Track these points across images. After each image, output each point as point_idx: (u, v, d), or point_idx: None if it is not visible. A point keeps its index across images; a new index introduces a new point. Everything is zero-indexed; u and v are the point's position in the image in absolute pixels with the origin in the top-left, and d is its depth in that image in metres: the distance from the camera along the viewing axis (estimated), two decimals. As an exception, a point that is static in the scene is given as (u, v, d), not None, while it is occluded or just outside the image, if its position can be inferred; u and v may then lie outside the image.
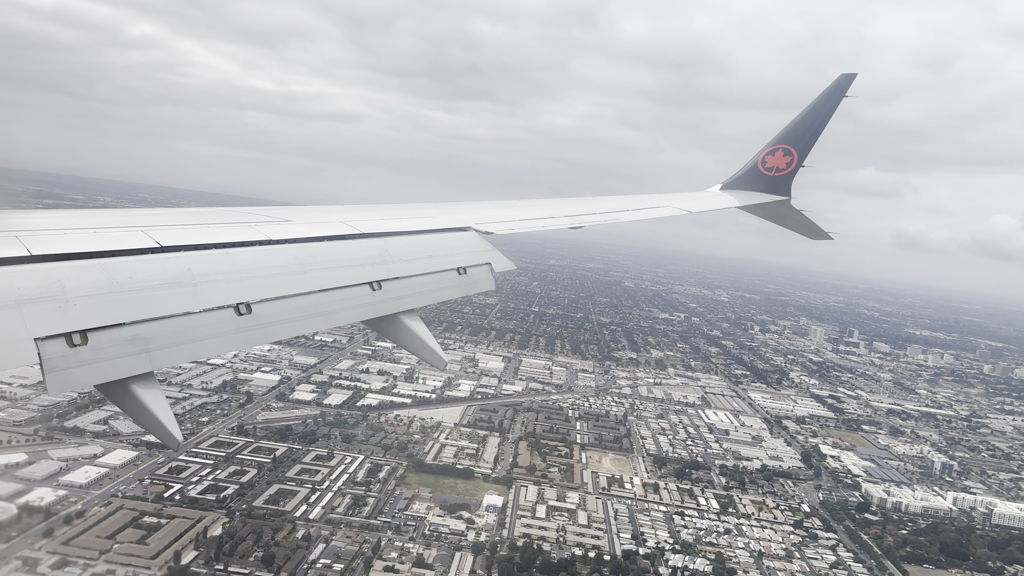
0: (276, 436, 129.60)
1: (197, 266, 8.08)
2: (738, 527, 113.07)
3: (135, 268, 7.53)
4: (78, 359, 6.33)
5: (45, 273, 6.74)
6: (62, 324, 6.38)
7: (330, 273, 9.51)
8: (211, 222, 9.99)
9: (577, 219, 16.69)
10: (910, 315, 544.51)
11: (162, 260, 7.94)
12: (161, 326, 7.16)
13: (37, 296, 6.42)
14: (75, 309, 6.57)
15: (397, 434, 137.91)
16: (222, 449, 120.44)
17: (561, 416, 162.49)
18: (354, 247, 10.61)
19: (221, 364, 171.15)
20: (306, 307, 8.80)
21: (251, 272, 8.65)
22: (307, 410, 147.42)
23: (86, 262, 7.23)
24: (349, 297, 9.43)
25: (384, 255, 10.56)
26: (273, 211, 11.42)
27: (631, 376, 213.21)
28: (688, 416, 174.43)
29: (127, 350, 6.72)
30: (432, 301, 10.73)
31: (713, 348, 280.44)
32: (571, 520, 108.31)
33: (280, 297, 8.54)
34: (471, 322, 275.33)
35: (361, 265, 10.06)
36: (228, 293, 8.05)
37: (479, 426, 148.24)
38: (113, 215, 9.64)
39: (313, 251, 9.76)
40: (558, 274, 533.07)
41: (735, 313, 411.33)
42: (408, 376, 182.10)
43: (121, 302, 7.01)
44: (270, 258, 9.22)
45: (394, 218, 12.86)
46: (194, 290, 7.74)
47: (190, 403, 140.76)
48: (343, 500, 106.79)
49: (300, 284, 8.92)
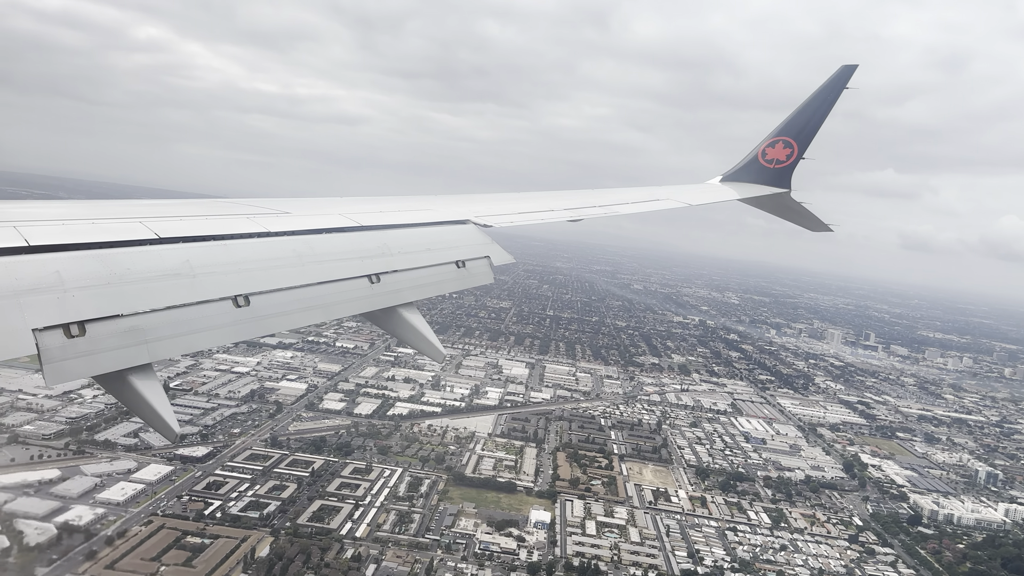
0: (311, 448, 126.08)
1: (195, 258, 8.03)
2: (793, 543, 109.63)
3: (133, 259, 7.46)
4: (76, 350, 6.25)
5: (43, 263, 6.68)
6: (60, 315, 6.29)
7: (329, 266, 9.44)
8: (210, 214, 9.84)
9: (576, 212, 16.33)
10: (920, 317, 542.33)
11: (160, 251, 7.88)
12: (159, 318, 7.06)
13: (35, 287, 6.36)
14: (73, 300, 6.49)
15: (432, 445, 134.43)
16: (258, 463, 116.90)
17: (594, 425, 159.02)
18: (353, 240, 10.51)
19: (246, 372, 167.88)
20: (305, 300, 8.72)
21: (249, 264, 8.57)
22: (338, 420, 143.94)
23: (84, 253, 7.16)
24: (348, 290, 9.35)
25: (383, 248, 10.49)
26: (272, 203, 11.29)
27: (657, 382, 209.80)
28: (721, 424, 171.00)
29: (125, 341, 6.65)
30: (431, 294, 10.59)
31: (733, 352, 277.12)
32: (623, 537, 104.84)
33: (278, 289, 8.46)
34: (488, 327, 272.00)
35: (360, 258, 9.97)
36: (226, 285, 7.97)
37: (514, 436, 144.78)
38: (112, 206, 9.47)
39: (312, 244, 9.69)
40: (566, 277, 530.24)
41: (748, 316, 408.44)
42: (435, 384, 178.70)
43: (119, 293, 6.92)
44: (269, 250, 9.14)
45: (393, 211, 12.76)
46: (192, 282, 7.67)
47: (219, 413, 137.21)
48: (388, 516, 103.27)
49: (299, 276, 8.83)
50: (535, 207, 15.70)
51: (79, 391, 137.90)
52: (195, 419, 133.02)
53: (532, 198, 17.44)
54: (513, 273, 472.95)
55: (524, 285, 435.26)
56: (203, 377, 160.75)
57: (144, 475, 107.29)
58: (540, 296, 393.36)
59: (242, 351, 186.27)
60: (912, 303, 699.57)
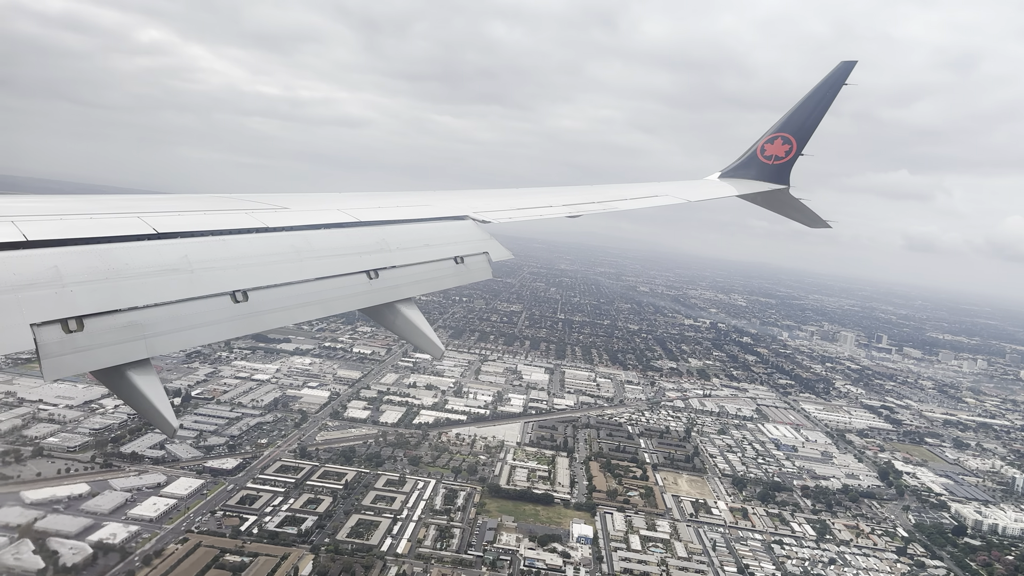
0: (341, 459, 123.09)
1: (194, 253, 7.96)
2: (841, 555, 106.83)
3: (131, 254, 7.39)
4: (74, 345, 6.19)
5: (41, 258, 6.63)
6: (58, 310, 6.26)
7: (327, 261, 9.37)
8: (208, 209, 9.77)
9: (575, 208, 16.23)
10: (926, 318, 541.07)
11: (159, 247, 7.79)
12: (157, 313, 6.99)
13: (33, 281, 6.32)
14: (71, 295, 6.44)
15: (462, 455, 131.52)
16: (289, 475, 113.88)
17: (623, 433, 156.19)
18: (351, 235, 10.42)
19: (266, 380, 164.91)
20: (303, 295, 8.64)
21: (248, 259, 8.50)
22: (365, 429, 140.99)
23: (82, 248, 7.09)
24: (346, 285, 9.26)
25: (381, 244, 10.44)
26: (270, 199, 11.20)
27: (678, 387, 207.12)
28: (749, 431, 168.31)
29: (123, 336, 6.59)
30: (429, 290, 10.52)
31: (749, 356, 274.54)
32: (669, 552, 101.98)
33: (277, 285, 8.37)
34: (502, 331, 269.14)
35: (358, 253, 9.90)
36: (225, 280, 7.89)
37: (544, 445, 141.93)
38: (110, 201, 9.35)
39: (310, 239, 9.61)
40: (571, 279, 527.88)
41: (757, 318, 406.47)
42: (457, 391, 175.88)
43: (117, 288, 6.86)
44: (267, 246, 9.04)
45: (392, 207, 12.57)
46: (190, 277, 7.60)
47: (244, 423, 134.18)
48: (427, 531, 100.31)
49: (297, 272, 8.77)
50: (534, 203, 15.41)
51: (100, 400, 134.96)
52: (220, 429, 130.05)
53: (530, 194, 17.08)
54: (520, 276, 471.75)
55: (532, 288, 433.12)
56: (223, 385, 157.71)
57: (175, 489, 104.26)
58: (549, 299, 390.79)
59: (260, 358, 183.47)
60: (916, 304, 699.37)
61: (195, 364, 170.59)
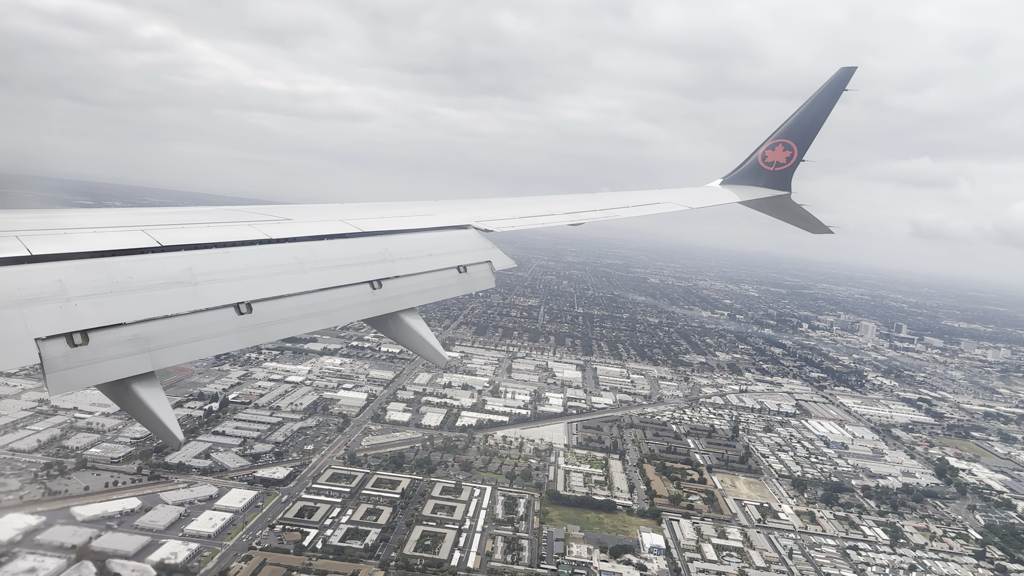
0: (391, 466, 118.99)
1: (197, 265, 7.96)
2: (919, 561, 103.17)
3: (136, 268, 7.41)
4: (79, 359, 6.20)
5: (46, 273, 6.64)
6: (63, 324, 6.25)
7: (330, 272, 9.31)
8: (211, 221, 9.78)
9: (577, 216, 16.32)
10: (937, 306, 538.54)
11: (163, 259, 7.80)
12: (162, 326, 6.98)
13: (38, 296, 6.32)
14: (76, 309, 6.44)
15: (512, 459, 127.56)
16: (342, 483, 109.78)
17: (669, 433, 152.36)
18: (354, 246, 10.37)
19: (300, 382, 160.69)
20: (307, 306, 8.58)
21: (251, 271, 8.47)
22: (409, 433, 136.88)
23: (86, 262, 7.10)
24: (350, 296, 9.23)
25: (384, 254, 10.37)
26: (273, 210, 11.20)
27: (712, 383, 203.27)
28: (795, 428, 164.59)
29: (128, 350, 6.59)
30: (433, 299, 10.41)
31: (775, 348, 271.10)
32: (744, 561, 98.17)
33: (281, 296, 8.35)
34: (525, 326, 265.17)
35: (361, 264, 9.84)
36: (228, 292, 7.89)
37: (592, 447, 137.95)
38: (113, 215, 9.39)
39: (313, 250, 9.59)
40: (581, 272, 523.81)
41: (773, 308, 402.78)
42: (494, 390, 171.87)
43: (122, 302, 6.86)
44: (270, 257, 9.02)
45: (394, 216, 12.68)
46: (195, 289, 7.59)
47: (287, 428, 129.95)
48: (494, 543, 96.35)
49: (300, 283, 8.74)
50: (536, 211, 15.48)
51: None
52: (263, 435, 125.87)
53: (533, 202, 17.11)
54: (530, 269, 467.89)
55: (544, 281, 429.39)
56: (258, 388, 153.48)
57: (228, 502, 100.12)
58: (563, 292, 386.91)
59: (289, 359, 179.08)
60: (923, 291, 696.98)
61: (225, 366, 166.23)
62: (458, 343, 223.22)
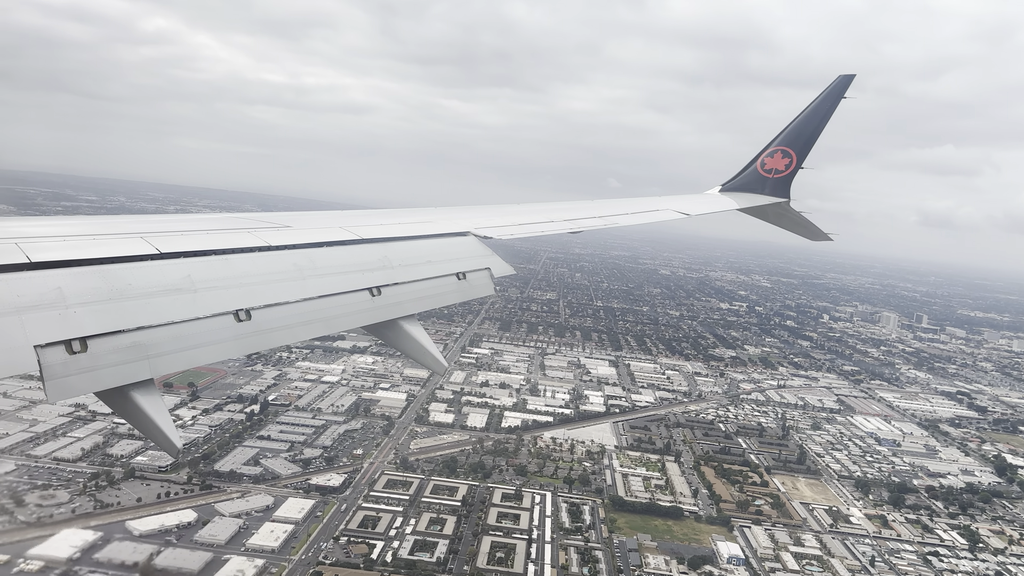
0: (445, 470, 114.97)
1: (197, 272, 7.92)
2: (1004, 568, 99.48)
3: (135, 275, 7.39)
4: (78, 366, 6.18)
5: (44, 280, 6.63)
6: (62, 331, 6.23)
7: (330, 279, 9.28)
8: (211, 228, 9.85)
9: (576, 223, 16.33)
10: (948, 295, 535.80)
11: (162, 267, 7.79)
12: (161, 333, 6.94)
13: (37, 303, 6.31)
14: (75, 316, 6.41)
15: (566, 462, 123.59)
16: (399, 490, 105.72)
17: (718, 432, 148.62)
18: (354, 253, 10.35)
19: (336, 381, 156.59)
20: (306, 313, 8.56)
21: (251, 278, 8.42)
22: (455, 434, 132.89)
23: (85, 269, 7.09)
24: (349, 303, 9.18)
25: (383, 261, 10.36)
26: (273, 217, 11.17)
27: (748, 378, 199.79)
28: (842, 425, 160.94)
29: (127, 357, 6.57)
30: (432, 307, 10.39)
31: (802, 341, 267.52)
32: (825, 569, 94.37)
33: (280, 303, 8.29)
34: (548, 321, 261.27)
35: (361, 271, 9.80)
36: (228, 299, 7.83)
37: (644, 448, 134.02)
38: (112, 222, 9.46)
39: (312, 257, 9.57)
40: (591, 263, 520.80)
41: (791, 299, 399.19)
42: (532, 389, 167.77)
43: (121, 309, 6.84)
44: (269, 264, 9.01)
45: (393, 223, 12.72)
46: (194, 297, 7.57)
47: (333, 432, 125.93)
48: (567, 554, 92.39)
49: (300, 290, 8.68)
50: (535, 218, 15.44)
51: (175, 411, 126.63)
52: (310, 439, 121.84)
53: (533, 209, 17.04)
54: (540, 261, 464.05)
55: (556, 274, 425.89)
56: (295, 389, 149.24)
57: (287, 512, 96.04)
58: (579, 286, 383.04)
59: (320, 357, 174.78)
60: (930, 280, 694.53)
61: (258, 366, 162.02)
62: (485, 339, 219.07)
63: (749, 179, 23.85)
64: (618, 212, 18.71)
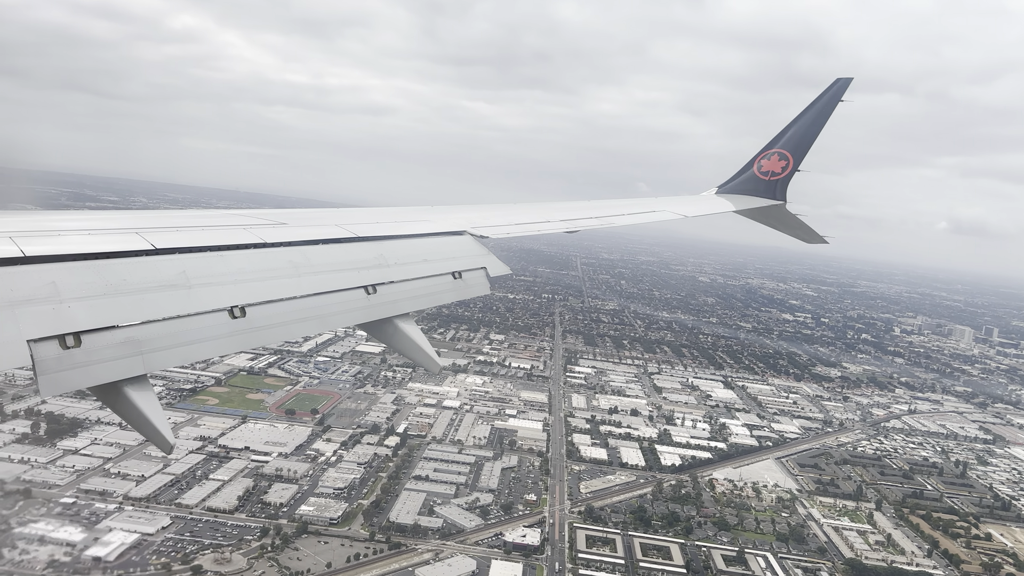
0: (637, 523, 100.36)
1: (191, 268, 7.76)
2: None
3: (129, 270, 7.24)
4: (71, 361, 6.08)
5: (39, 274, 6.51)
6: (55, 326, 6.12)
7: (325, 276, 9.06)
8: (206, 224, 9.65)
9: (573, 223, 15.88)
10: (987, 304, 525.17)
11: (156, 262, 7.61)
12: (155, 329, 6.82)
13: (30, 297, 6.19)
14: (69, 311, 6.30)
15: (756, 511, 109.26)
16: (603, 549, 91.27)
17: (892, 470, 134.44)
18: (349, 250, 10.15)
19: (459, 407, 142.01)
20: (300, 310, 8.36)
21: (245, 275, 8.23)
22: (620, 474, 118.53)
23: (80, 264, 6.95)
24: (344, 301, 8.97)
25: (379, 259, 10.13)
26: (269, 214, 10.95)
27: (871, 401, 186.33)
28: (1006, 459, 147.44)
29: (121, 352, 6.47)
30: (427, 305, 10.23)
31: (896, 358, 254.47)
32: None
33: (274, 300, 8.06)
34: (625, 334, 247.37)
35: (356, 269, 9.60)
36: (222, 296, 7.65)
37: (832, 493, 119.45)
38: (108, 217, 9.33)
39: (308, 254, 9.35)
40: (627, 270, 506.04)
41: (845, 310, 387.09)
42: (668, 418, 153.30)
43: (115, 304, 6.71)
44: (265, 261, 8.84)
45: (389, 221, 12.40)
46: (188, 293, 7.41)
47: (489, 469, 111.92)
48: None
49: (295, 287, 8.47)
50: (532, 218, 15.11)
51: (313, 446, 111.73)
52: (471, 481, 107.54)
53: (529, 209, 16.70)
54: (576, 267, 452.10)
55: (599, 281, 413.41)
56: (420, 416, 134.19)
57: None
58: (629, 294, 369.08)
59: (422, 377, 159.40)
60: (958, 288, 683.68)
61: (368, 388, 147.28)
62: (580, 356, 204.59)
63: (745, 181, 23.27)
64: (615, 213, 18.37)
